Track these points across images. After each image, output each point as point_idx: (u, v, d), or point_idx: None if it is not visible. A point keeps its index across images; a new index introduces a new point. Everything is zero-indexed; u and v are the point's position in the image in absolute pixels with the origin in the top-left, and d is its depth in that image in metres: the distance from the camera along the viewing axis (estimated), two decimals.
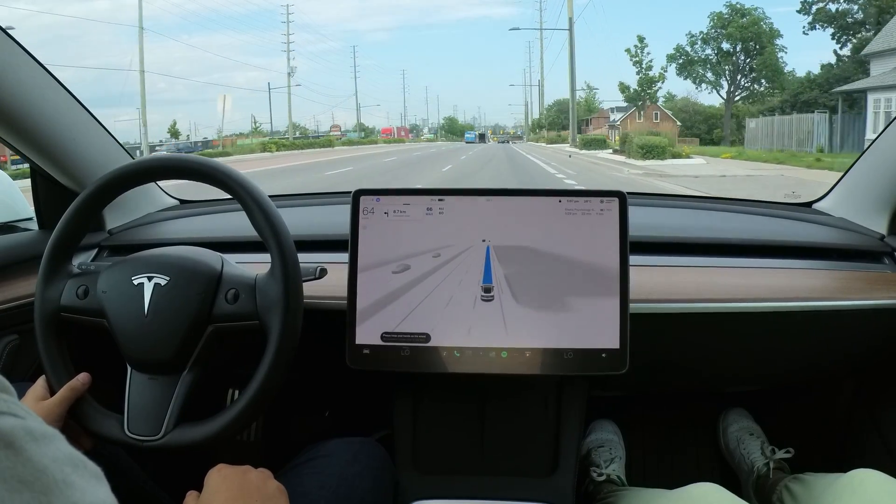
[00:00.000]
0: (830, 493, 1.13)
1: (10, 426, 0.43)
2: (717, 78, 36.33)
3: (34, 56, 1.25)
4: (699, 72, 36.45)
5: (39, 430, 0.46)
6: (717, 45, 35.89)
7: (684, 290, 1.29)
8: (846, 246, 1.47)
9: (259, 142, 42.35)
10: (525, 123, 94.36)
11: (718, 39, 35.62)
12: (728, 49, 35.60)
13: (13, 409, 0.45)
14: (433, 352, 1.14)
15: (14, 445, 0.43)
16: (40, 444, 0.45)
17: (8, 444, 0.42)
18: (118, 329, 1.05)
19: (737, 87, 36.07)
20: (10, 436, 0.43)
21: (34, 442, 0.44)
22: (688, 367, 1.48)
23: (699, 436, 1.91)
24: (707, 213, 1.73)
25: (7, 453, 0.42)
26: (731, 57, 35.74)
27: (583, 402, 1.33)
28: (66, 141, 1.39)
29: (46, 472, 0.43)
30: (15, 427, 0.44)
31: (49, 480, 0.43)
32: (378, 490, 1.10)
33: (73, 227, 1.10)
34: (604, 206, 1.14)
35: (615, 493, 1.42)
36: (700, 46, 36.38)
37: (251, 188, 1.06)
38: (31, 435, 0.44)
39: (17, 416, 0.45)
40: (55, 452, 0.46)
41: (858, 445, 1.62)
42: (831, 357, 1.48)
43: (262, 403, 1.02)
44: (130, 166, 1.11)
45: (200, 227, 1.67)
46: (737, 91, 36.27)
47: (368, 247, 1.16)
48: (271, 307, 1.03)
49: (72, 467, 0.46)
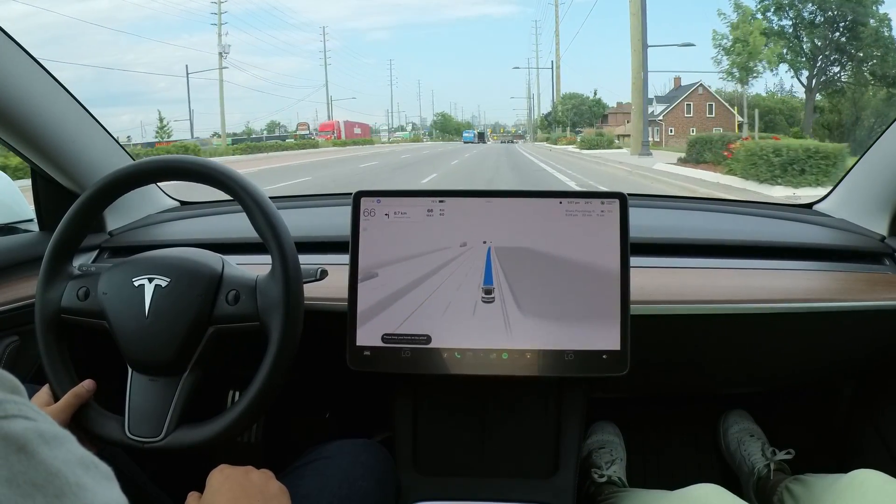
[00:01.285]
0: (831, 493, 1.13)
1: (22, 429, 0.43)
2: (797, 58, 26.58)
3: (35, 57, 1.26)
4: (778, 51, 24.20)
5: (51, 433, 0.45)
6: (797, 12, 25.98)
7: (685, 291, 1.29)
8: (847, 247, 1.47)
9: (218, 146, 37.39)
10: (528, 120, 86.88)
11: (799, 5, 25.71)
12: (814, 18, 25.58)
13: (25, 411, 0.45)
14: (434, 353, 1.14)
15: (26, 449, 0.42)
16: (52, 447, 0.44)
17: (20, 447, 0.42)
18: (119, 330, 1.05)
19: (823, 70, 26.20)
20: (21, 439, 0.42)
21: (46, 445, 0.44)
22: (688, 369, 1.48)
23: (700, 437, 1.91)
24: (707, 214, 1.73)
25: (19, 457, 0.42)
26: (819, 29, 25.65)
27: (583, 404, 1.33)
28: (66, 143, 1.39)
29: (59, 475, 0.43)
30: (27, 430, 0.43)
31: (62, 483, 0.43)
32: (379, 491, 1.10)
33: (74, 229, 1.10)
34: (604, 207, 1.14)
35: (616, 495, 1.42)
36: (773, 15, 26.09)
37: (252, 189, 1.06)
38: (43, 437, 0.44)
39: (29, 418, 0.45)
40: (67, 455, 0.45)
41: (859, 446, 1.62)
42: (832, 358, 1.48)
43: (263, 405, 1.02)
44: (131, 168, 1.11)
45: (201, 229, 1.67)
46: (824, 76, 26.38)
47: (369, 248, 1.16)
48: (272, 308, 1.03)
49: (83, 469, 0.46)
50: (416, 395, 1.33)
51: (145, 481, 1.18)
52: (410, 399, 1.33)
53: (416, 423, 1.32)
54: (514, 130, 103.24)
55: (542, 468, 1.29)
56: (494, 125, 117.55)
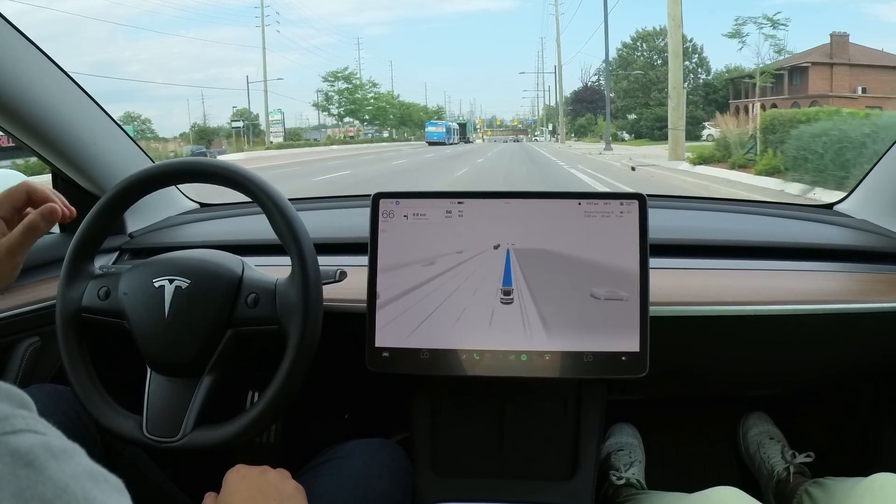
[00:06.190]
0: (851, 497, 1.12)
1: (30, 444, 0.43)
2: None
3: (55, 61, 1.27)
4: None
5: (59, 447, 0.45)
6: None
7: (704, 292, 1.28)
8: (867, 248, 1.45)
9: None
10: (542, 109, 68.69)
11: None
12: None
13: (33, 425, 0.45)
14: (453, 355, 1.14)
15: (34, 464, 0.42)
16: (60, 462, 0.44)
17: (28, 462, 0.42)
18: (138, 331, 1.06)
19: None
20: (29, 454, 0.42)
21: (54, 459, 0.43)
22: (708, 371, 1.48)
23: (719, 440, 1.89)
24: (726, 215, 1.72)
25: (27, 472, 0.41)
26: None
27: (602, 406, 1.32)
28: (87, 145, 1.41)
29: (67, 491, 0.43)
30: (34, 445, 0.43)
31: (70, 498, 0.42)
32: (396, 492, 1.10)
33: (95, 230, 1.11)
34: (623, 208, 1.14)
35: (634, 497, 1.41)
36: None
37: (271, 192, 1.06)
38: (51, 452, 0.44)
39: (37, 432, 0.44)
40: (75, 468, 0.45)
41: (879, 450, 1.60)
42: (852, 360, 1.46)
43: (282, 406, 1.03)
44: (151, 170, 1.12)
45: (221, 231, 1.68)
46: None
47: (388, 249, 1.16)
48: (291, 311, 1.03)
49: (93, 482, 0.45)
50: (435, 397, 1.33)
51: (163, 481, 1.19)
52: (429, 400, 1.33)
53: (435, 424, 1.32)
54: (515, 122, 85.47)
55: (560, 470, 1.29)
56: (490, 119, 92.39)
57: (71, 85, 1.33)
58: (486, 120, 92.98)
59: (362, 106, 62.49)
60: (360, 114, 62.87)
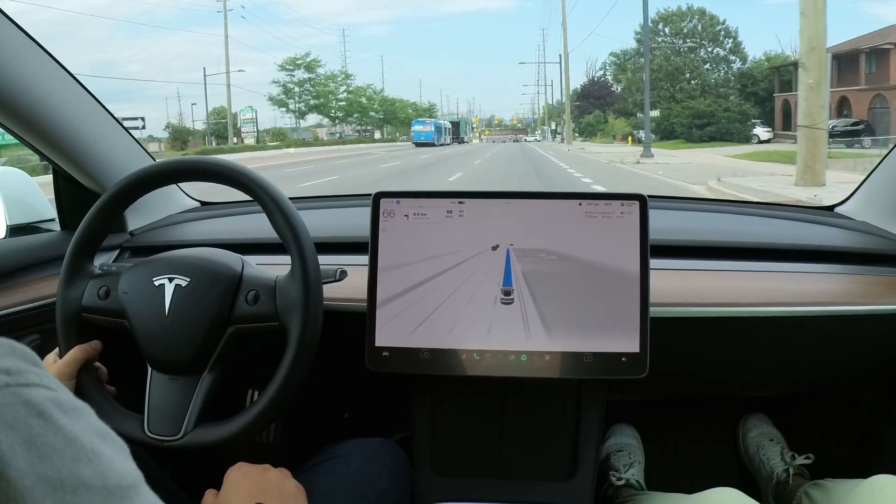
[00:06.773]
0: (851, 499, 1.12)
1: (42, 397, 0.45)
2: None
3: (57, 59, 1.27)
4: None
5: (70, 403, 0.47)
6: None
7: (704, 293, 1.28)
8: (868, 250, 1.45)
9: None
10: (544, 108, 62.79)
11: None
12: None
13: (45, 381, 0.47)
14: (453, 354, 1.14)
15: (45, 415, 0.44)
16: (70, 416, 0.46)
17: (39, 413, 0.44)
18: (139, 329, 1.06)
19: None
20: (41, 405, 0.45)
21: (64, 414, 0.46)
22: (708, 372, 1.48)
23: (718, 441, 1.89)
24: (726, 216, 1.72)
25: (38, 422, 0.44)
26: None
27: (602, 406, 1.32)
28: (88, 143, 1.41)
29: (76, 441, 0.45)
30: (46, 398, 0.45)
31: (79, 448, 0.45)
32: (395, 491, 1.10)
33: (95, 228, 1.11)
34: (624, 209, 1.14)
35: (634, 498, 1.41)
36: None
37: (271, 190, 1.06)
38: (62, 407, 0.46)
39: (49, 388, 0.47)
40: (84, 424, 0.47)
41: (879, 451, 1.60)
42: (853, 362, 1.46)
43: (282, 404, 1.03)
44: (152, 168, 1.12)
45: (221, 229, 1.68)
46: None
47: (388, 249, 1.16)
48: (291, 309, 1.03)
49: (100, 438, 0.48)
50: (435, 396, 1.33)
51: (164, 479, 1.19)
52: (428, 399, 1.33)
53: (434, 423, 1.32)
54: (514, 121, 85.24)
55: (559, 470, 1.29)
56: (489, 118, 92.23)
57: (72, 83, 1.33)
58: (484, 119, 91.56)
59: (329, 101, 53.66)
60: (327, 109, 54.01)
